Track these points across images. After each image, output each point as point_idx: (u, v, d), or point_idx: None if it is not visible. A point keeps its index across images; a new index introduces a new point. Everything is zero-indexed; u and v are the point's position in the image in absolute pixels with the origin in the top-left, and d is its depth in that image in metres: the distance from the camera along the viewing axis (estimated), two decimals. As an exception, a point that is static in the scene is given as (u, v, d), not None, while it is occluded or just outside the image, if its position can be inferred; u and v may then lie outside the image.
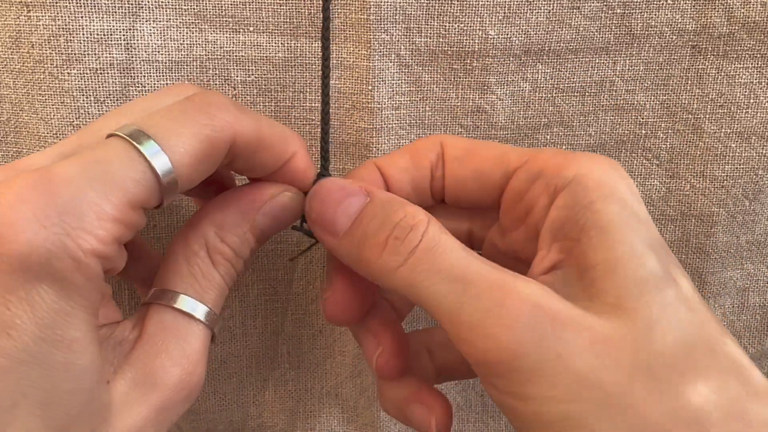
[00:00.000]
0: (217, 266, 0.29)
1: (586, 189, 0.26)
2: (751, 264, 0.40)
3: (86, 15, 0.34)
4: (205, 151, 0.26)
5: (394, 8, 0.34)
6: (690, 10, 0.36)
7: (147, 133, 0.25)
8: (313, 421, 0.41)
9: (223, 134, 0.26)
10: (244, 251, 0.30)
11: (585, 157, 0.27)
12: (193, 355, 0.28)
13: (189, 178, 0.26)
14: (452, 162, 0.31)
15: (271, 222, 0.30)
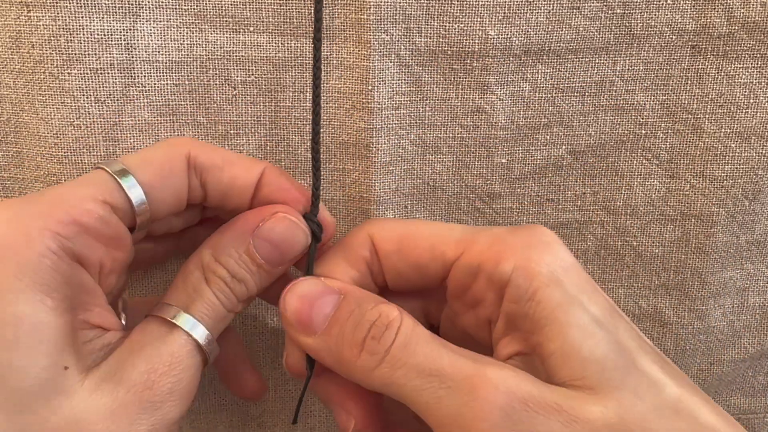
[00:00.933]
0: (210, 284, 0.30)
1: (527, 281, 0.27)
2: (751, 264, 0.40)
3: (86, 15, 0.34)
4: (162, 158, 0.30)
5: (394, 8, 0.34)
6: (690, 10, 0.36)
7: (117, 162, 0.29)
8: (313, 421, 0.41)
9: (179, 145, 0.31)
10: (241, 273, 0.30)
11: (521, 243, 0.28)
12: (167, 356, 0.28)
13: (150, 183, 0.29)
14: (387, 257, 0.31)
15: (271, 247, 0.30)
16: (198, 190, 0.31)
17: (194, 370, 0.29)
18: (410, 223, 0.32)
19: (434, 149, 0.37)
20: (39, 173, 0.36)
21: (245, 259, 0.30)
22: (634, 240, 0.40)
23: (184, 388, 0.28)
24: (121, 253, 0.29)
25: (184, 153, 0.30)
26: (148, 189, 0.29)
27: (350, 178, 0.37)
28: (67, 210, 0.27)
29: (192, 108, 0.36)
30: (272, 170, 0.32)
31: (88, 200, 0.28)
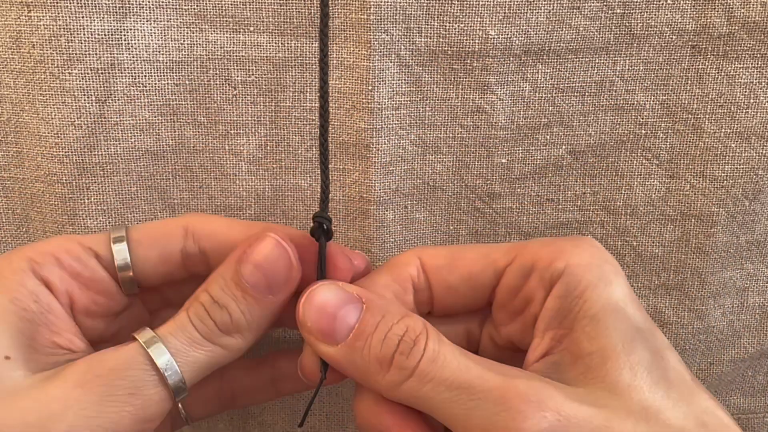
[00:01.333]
0: (188, 309, 0.29)
1: (577, 279, 0.28)
2: (751, 264, 0.40)
3: (87, 15, 0.34)
4: (158, 225, 0.32)
5: (394, 8, 0.34)
6: (690, 10, 0.36)
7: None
8: (313, 421, 0.41)
9: (179, 218, 0.32)
10: (224, 299, 0.29)
11: (572, 245, 0.29)
12: (111, 361, 0.27)
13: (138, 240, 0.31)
14: (436, 271, 0.31)
15: (256, 270, 0.29)
16: (198, 256, 0.31)
17: (145, 387, 0.27)
18: (457, 246, 0.32)
19: (434, 149, 0.37)
20: (39, 173, 0.36)
21: (230, 284, 0.29)
22: (634, 240, 0.40)
23: (126, 400, 0.27)
24: (103, 298, 0.31)
25: (181, 223, 0.32)
26: (135, 246, 0.31)
27: (350, 178, 0.37)
28: (48, 244, 0.30)
29: (192, 108, 0.36)
30: (272, 228, 0.31)
31: (72, 242, 0.30)
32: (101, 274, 0.30)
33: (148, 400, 0.27)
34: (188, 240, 0.31)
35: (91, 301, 0.30)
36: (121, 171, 0.36)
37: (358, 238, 0.38)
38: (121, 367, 0.27)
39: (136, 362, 0.27)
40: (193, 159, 0.37)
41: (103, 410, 0.26)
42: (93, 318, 0.31)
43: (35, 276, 0.29)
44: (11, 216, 0.37)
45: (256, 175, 0.37)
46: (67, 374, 0.27)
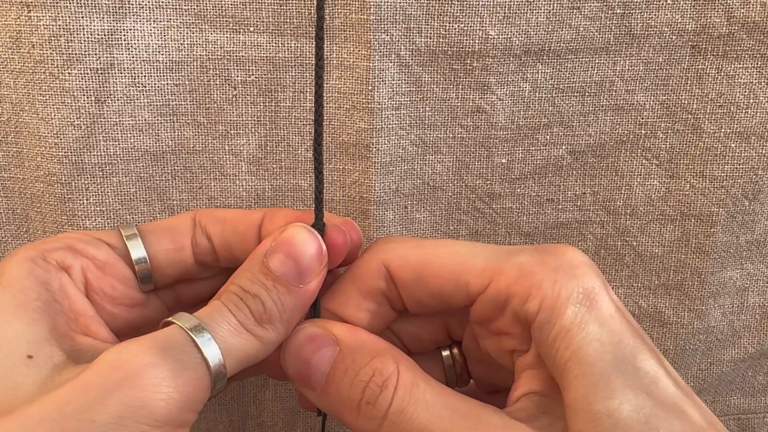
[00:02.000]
0: (221, 296, 0.28)
1: (550, 324, 0.26)
2: (751, 264, 0.40)
3: (87, 15, 0.34)
4: (168, 219, 0.32)
5: (394, 8, 0.34)
6: (690, 10, 0.36)
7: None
8: (313, 421, 0.41)
9: (186, 212, 0.32)
10: (254, 288, 0.28)
11: (545, 276, 0.27)
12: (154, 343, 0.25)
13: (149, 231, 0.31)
14: (405, 287, 0.30)
15: (284, 257, 0.28)
16: (206, 244, 0.31)
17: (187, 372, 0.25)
18: (426, 246, 0.30)
19: (434, 149, 0.37)
20: (39, 173, 0.36)
21: (259, 276, 0.28)
22: (634, 240, 0.40)
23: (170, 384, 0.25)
24: (120, 284, 0.30)
25: (190, 215, 0.32)
26: (146, 237, 0.31)
27: (350, 179, 0.37)
28: (58, 236, 0.30)
29: (192, 108, 0.36)
30: (273, 210, 0.31)
31: (82, 233, 0.30)
32: (115, 259, 0.30)
33: (192, 385, 0.25)
34: (197, 229, 0.31)
35: (108, 284, 0.29)
36: (121, 171, 0.36)
37: (358, 239, 0.38)
38: (164, 348, 0.25)
39: (178, 344, 0.26)
40: (193, 159, 0.37)
41: (148, 395, 0.24)
42: (113, 305, 0.30)
43: (45, 261, 0.28)
44: (11, 216, 0.37)
45: (256, 175, 0.37)
46: (103, 359, 0.25)
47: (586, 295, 0.26)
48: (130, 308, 0.31)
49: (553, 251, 0.28)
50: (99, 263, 0.30)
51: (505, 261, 0.28)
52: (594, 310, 0.26)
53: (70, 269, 0.29)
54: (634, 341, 0.26)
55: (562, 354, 0.25)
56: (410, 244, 0.30)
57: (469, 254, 0.29)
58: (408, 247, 0.30)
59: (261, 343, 0.28)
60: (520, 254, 0.28)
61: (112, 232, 0.31)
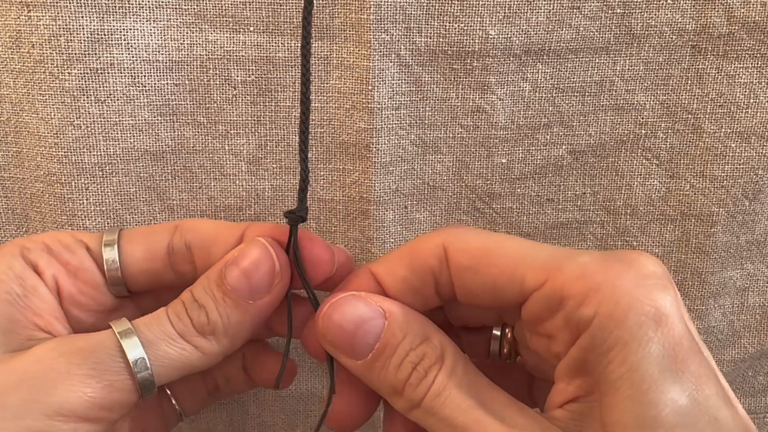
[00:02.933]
0: (168, 306, 0.29)
1: (605, 334, 0.24)
2: (751, 264, 0.40)
3: (86, 15, 0.34)
4: (149, 227, 0.32)
5: (394, 8, 0.34)
6: (690, 10, 0.36)
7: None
8: (313, 421, 0.41)
9: (170, 222, 0.32)
10: (204, 299, 0.29)
11: (612, 280, 0.24)
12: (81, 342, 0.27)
13: (127, 235, 0.31)
14: (459, 273, 0.28)
15: (239, 272, 0.29)
16: (183, 251, 0.31)
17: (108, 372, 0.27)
18: (491, 237, 0.28)
19: (434, 149, 0.37)
20: (39, 173, 0.36)
21: (212, 285, 0.29)
22: (634, 240, 0.40)
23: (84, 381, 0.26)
24: (90, 289, 0.31)
25: (172, 223, 0.32)
26: (123, 243, 0.31)
27: (350, 178, 0.37)
28: (41, 235, 0.31)
29: (192, 108, 0.36)
30: (254, 225, 0.31)
31: (66, 235, 0.31)
32: (89, 264, 0.31)
33: (109, 386, 0.27)
34: (175, 235, 0.31)
35: (78, 290, 0.30)
36: (120, 171, 0.36)
37: (358, 238, 0.38)
38: (89, 348, 0.27)
39: (104, 346, 0.27)
40: (193, 159, 0.37)
41: (60, 388, 0.26)
42: (80, 309, 0.31)
43: (24, 260, 0.29)
44: (11, 216, 0.37)
45: (256, 175, 0.37)
46: (34, 350, 0.27)
47: (654, 309, 0.23)
48: (99, 313, 0.31)
49: (623, 257, 0.25)
50: (72, 268, 0.30)
51: (567, 259, 0.26)
52: (662, 329, 0.23)
53: (42, 274, 0.29)
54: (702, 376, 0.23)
55: (615, 369, 0.23)
56: (474, 232, 0.29)
57: (532, 249, 0.27)
58: (470, 235, 0.28)
59: (201, 353, 0.28)
60: (584, 255, 0.26)
61: (96, 235, 0.31)
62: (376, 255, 0.38)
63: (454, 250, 0.28)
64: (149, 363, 0.27)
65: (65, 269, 0.30)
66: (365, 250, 0.38)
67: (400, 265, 0.29)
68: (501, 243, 0.27)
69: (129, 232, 0.32)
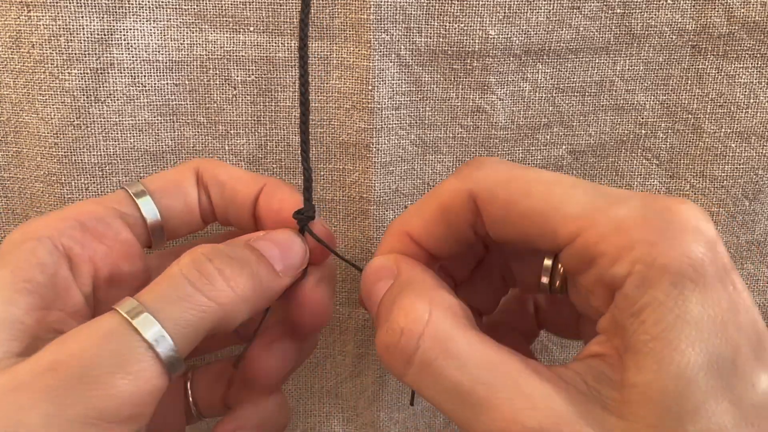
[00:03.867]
0: (181, 263, 0.26)
1: (639, 293, 0.22)
2: (751, 264, 0.40)
3: (86, 15, 0.34)
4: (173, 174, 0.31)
5: (394, 8, 0.34)
6: (690, 10, 0.36)
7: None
8: (313, 421, 0.41)
9: (189, 163, 0.32)
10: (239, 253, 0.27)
11: (646, 237, 0.22)
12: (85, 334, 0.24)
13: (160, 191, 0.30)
14: (493, 224, 0.26)
15: (275, 248, 0.28)
16: (207, 202, 0.32)
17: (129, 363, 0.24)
18: (518, 180, 0.25)
19: (434, 149, 0.37)
20: (39, 173, 0.36)
21: (243, 247, 0.28)
22: (634, 240, 0.40)
23: (108, 380, 0.23)
24: (126, 264, 0.29)
25: (193, 168, 0.31)
26: (158, 197, 0.30)
27: (350, 178, 0.37)
28: (70, 210, 0.28)
29: (192, 108, 0.36)
30: (272, 184, 0.31)
31: (95, 205, 0.29)
32: (125, 235, 0.29)
33: (135, 377, 0.23)
34: (200, 189, 0.31)
35: (115, 265, 0.29)
36: (120, 171, 0.36)
37: (358, 238, 0.38)
38: (100, 342, 0.24)
39: (117, 334, 0.24)
40: (193, 159, 0.37)
41: (84, 394, 0.23)
42: (117, 287, 0.29)
43: (52, 243, 0.27)
44: (11, 216, 0.37)
45: (256, 175, 0.37)
46: (44, 357, 0.24)
47: (693, 266, 0.21)
48: (133, 288, 0.28)
49: (663, 207, 0.23)
50: (109, 242, 0.28)
51: (602, 211, 0.23)
52: (701, 287, 0.21)
53: (75, 257, 0.27)
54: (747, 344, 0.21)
55: (648, 329, 0.22)
56: (502, 176, 0.26)
57: (564, 197, 0.24)
58: (498, 180, 0.26)
59: (217, 305, 0.26)
60: (621, 204, 0.23)
61: (120, 194, 0.30)
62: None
63: (482, 201, 0.26)
64: (168, 335, 0.24)
65: (103, 245, 0.28)
66: (365, 250, 0.38)
67: (434, 223, 0.28)
68: (530, 189, 0.25)
69: (156, 183, 0.31)
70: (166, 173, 0.32)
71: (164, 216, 0.30)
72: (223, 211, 0.32)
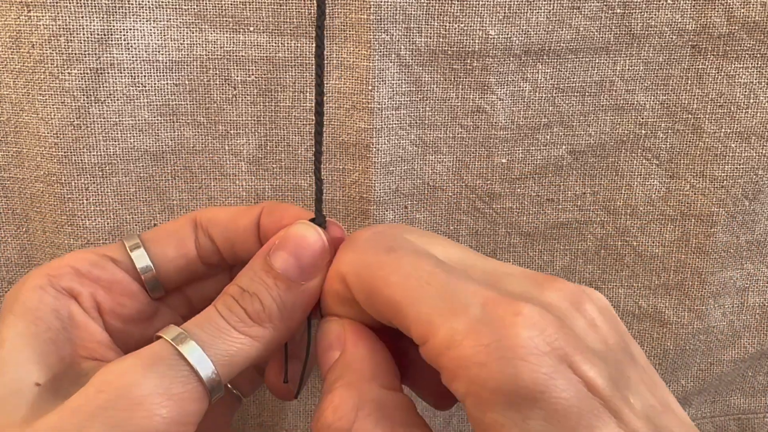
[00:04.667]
0: (217, 301, 0.28)
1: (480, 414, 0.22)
2: (751, 264, 0.40)
3: (86, 15, 0.34)
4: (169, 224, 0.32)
5: (394, 8, 0.34)
6: (690, 10, 0.36)
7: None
8: (313, 421, 0.41)
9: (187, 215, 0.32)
10: (253, 287, 0.28)
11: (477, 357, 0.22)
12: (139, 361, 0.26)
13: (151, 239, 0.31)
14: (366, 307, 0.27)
15: (286, 255, 0.28)
16: (209, 245, 0.32)
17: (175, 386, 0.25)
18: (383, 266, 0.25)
19: (434, 149, 0.37)
20: (39, 173, 0.36)
21: (260, 274, 0.28)
22: (634, 240, 0.40)
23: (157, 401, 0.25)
24: (129, 300, 0.30)
25: (190, 217, 0.32)
26: (149, 246, 0.31)
27: (350, 178, 0.37)
28: (62, 258, 0.30)
29: (192, 108, 0.36)
30: (270, 203, 0.31)
31: (87, 252, 0.30)
32: (121, 276, 0.30)
33: (180, 400, 0.25)
34: (198, 231, 0.31)
35: (117, 303, 0.30)
36: (120, 171, 0.36)
37: (358, 239, 0.38)
38: (147, 365, 0.25)
39: (162, 359, 0.25)
40: (193, 159, 0.37)
41: (134, 417, 0.24)
42: (124, 322, 0.30)
43: (54, 289, 0.28)
44: (11, 216, 0.37)
45: (256, 175, 0.37)
46: (93, 383, 0.25)
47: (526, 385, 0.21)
48: (143, 322, 0.31)
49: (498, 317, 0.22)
50: (106, 284, 0.30)
51: (444, 319, 0.23)
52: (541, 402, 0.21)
53: (79, 296, 0.29)
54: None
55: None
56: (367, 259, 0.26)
57: (417, 294, 0.24)
58: (363, 263, 0.26)
59: (258, 343, 0.27)
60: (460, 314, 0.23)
61: (116, 245, 0.31)
62: (376, 255, 0.38)
63: (351, 285, 0.27)
64: (213, 364, 0.26)
65: (100, 286, 0.30)
66: (365, 250, 0.38)
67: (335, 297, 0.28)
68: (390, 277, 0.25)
69: (150, 234, 0.31)
70: (164, 224, 0.32)
71: (156, 263, 0.31)
72: (229, 249, 0.31)
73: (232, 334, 0.27)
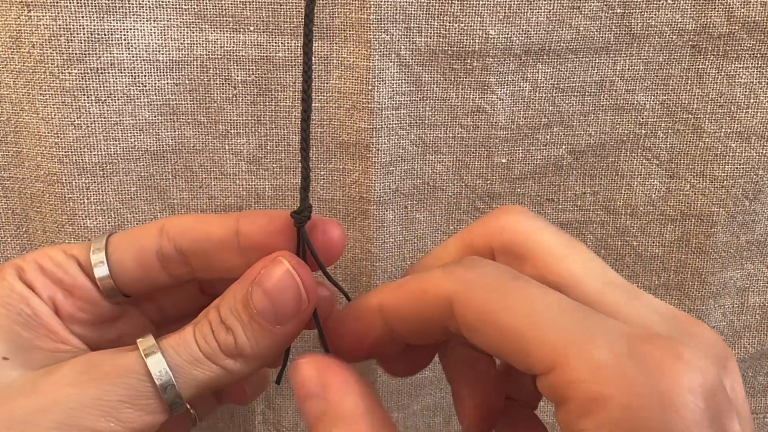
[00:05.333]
0: (195, 324, 0.28)
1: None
2: (751, 264, 0.40)
3: (87, 15, 0.34)
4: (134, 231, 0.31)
5: (394, 8, 0.34)
6: (690, 10, 0.36)
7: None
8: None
9: (155, 222, 0.31)
10: (230, 320, 0.28)
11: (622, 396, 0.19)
12: (109, 365, 0.27)
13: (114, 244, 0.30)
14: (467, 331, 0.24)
15: (264, 296, 0.27)
16: (176, 256, 0.30)
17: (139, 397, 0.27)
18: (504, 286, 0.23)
19: (434, 149, 0.37)
20: (39, 173, 0.36)
21: (239, 306, 0.28)
22: (634, 240, 0.40)
23: (116, 407, 0.26)
24: (87, 305, 0.30)
25: (157, 225, 0.30)
26: (111, 251, 0.30)
27: (350, 178, 0.37)
28: (34, 253, 0.30)
29: (192, 107, 0.36)
30: (249, 212, 0.30)
31: (57, 250, 0.30)
32: (82, 280, 0.30)
33: (140, 410, 0.27)
34: (163, 239, 0.30)
35: (76, 308, 0.30)
36: (121, 171, 0.36)
37: (358, 238, 0.38)
38: (118, 372, 0.27)
39: (133, 371, 0.27)
40: (193, 159, 0.37)
41: (94, 414, 0.26)
42: (81, 325, 0.30)
43: (22, 281, 0.29)
44: (11, 216, 0.37)
45: (256, 175, 0.37)
46: (63, 371, 0.27)
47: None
48: (100, 325, 0.31)
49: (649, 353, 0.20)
50: (66, 286, 0.30)
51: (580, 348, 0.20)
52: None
53: (39, 292, 0.29)
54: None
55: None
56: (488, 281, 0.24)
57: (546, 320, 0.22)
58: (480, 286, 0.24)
59: (227, 373, 0.28)
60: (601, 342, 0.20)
61: (85, 245, 0.31)
62: (376, 255, 0.38)
63: (459, 304, 0.24)
64: (178, 387, 0.27)
65: (60, 288, 0.30)
66: (365, 250, 0.38)
67: (407, 309, 0.26)
68: (511, 302, 0.23)
69: (117, 238, 0.31)
70: (133, 229, 0.31)
71: (114, 271, 0.30)
72: (202, 260, 0.30)
73: (204, 362, 0.28)
